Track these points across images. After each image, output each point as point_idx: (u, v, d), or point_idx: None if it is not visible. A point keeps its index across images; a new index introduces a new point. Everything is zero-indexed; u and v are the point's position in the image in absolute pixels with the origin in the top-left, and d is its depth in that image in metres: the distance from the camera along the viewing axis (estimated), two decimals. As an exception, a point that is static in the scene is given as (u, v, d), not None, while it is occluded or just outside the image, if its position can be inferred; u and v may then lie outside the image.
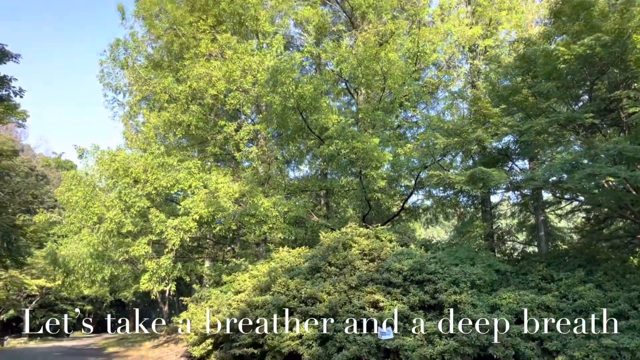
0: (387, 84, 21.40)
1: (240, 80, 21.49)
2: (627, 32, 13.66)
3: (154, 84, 22.39)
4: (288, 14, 23.02)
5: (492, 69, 20.22)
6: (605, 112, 17.10)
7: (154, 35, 23.77)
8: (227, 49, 22.00)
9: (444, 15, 23.26)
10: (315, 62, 25.72)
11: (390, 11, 23.38)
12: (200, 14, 23.01)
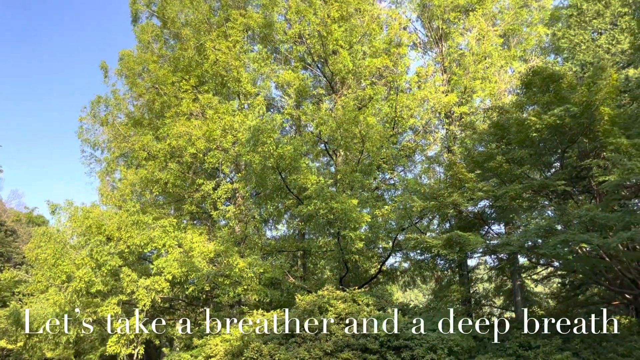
0: (365, 146, 21.73)
1: (221, 139, 21.63)
2: (595, 104, 14.27)
3: (132, 141, 22.38)
4: (270, 77, 23.56)
5: (468, 135, 20.78)
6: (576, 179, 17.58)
7: (136, 93, 24.01)
8: (208, 108, 22.27)
9: (421, 82, 24.04)
10: (296, 124, 26.14)
11: (369, 77, 24.10)
12: (183, 74, 23.41)
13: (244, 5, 24.88)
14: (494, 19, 25.26)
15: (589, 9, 21.08)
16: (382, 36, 25.01)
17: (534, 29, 24.90)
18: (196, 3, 22.99)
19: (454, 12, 24.46)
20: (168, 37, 25.88)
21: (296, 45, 23.74)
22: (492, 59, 23.42)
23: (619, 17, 20.36)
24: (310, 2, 23.27)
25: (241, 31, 23.31)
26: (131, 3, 25.92)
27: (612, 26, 20.64)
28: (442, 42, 25.71)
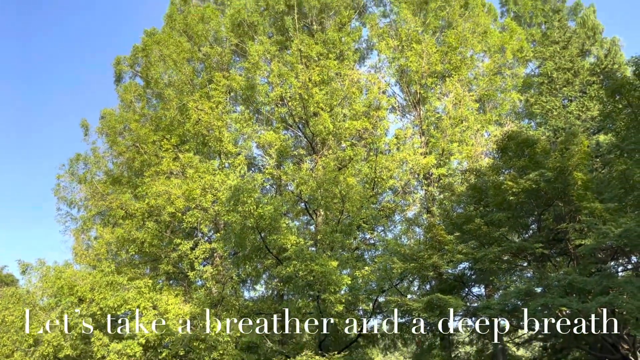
0: (345, 206, 21.79)
1: (200, 198, 21.52)
2: (568, 169, 14.67)
3: (110, 199, 22.12)
4: (251, 137, 23.83)
5: (446, 196, 21.05)
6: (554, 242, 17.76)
7: (116, 151, 23.98)
8: (188, 167, 22.28)
9: (400, 144, 24.52)
10: (276, 183, 26.21)
11: (349, 139, 24.51)
12: (164, 133, 23.54)
13: (227, 68, 25.47)
14: (469, 85, 26.20)
15: (559, 77, 22.05)
16: (362, 99, 25.65)
17: (508, 95, 25.86)
18: (180, 65, 23.46)
19: (431, 77, 25.33)
20: (151, 96, 26.22)
21: (278, 106, 24.18)
22: (469, 123, 24.09)
23: (587, 86, 21.30)
24: (292, 66, 23.94)
25: (224, 92, 23.74)
26: (115, 63, 26.36)
27: (581, 94, 21.56)
28: (420, 106, 26.45)
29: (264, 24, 25.89)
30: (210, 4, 27.55)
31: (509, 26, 28.04)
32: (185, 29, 25.56)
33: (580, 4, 31.08)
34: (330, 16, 27.40)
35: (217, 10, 26.75)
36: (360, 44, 29.07)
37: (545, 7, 31.75)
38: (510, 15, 32.22)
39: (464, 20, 26.08)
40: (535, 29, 31.07)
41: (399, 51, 25.98)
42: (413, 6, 26.48)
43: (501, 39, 26.57)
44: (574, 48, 23.01)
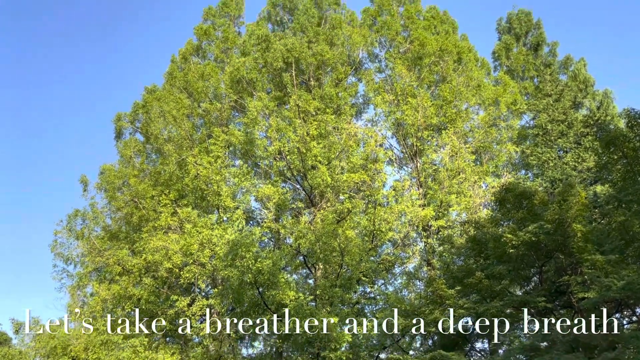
0: (344, 260, 21.60)
1: (198, 253, 21.34)
2: (567, 221, 14.62)
3: (107, 255, 21.94)
4: (250, 190, 23.89)
5: (446, 249, 20.90)
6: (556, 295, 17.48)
7: (115, 206, 23.99)
8: (186, 222, 22.21)
9: (398, 196, 24.56)
10: (275, 237, 26.07)
11: (348, 191, 24.58)
12: (163, 188, 23.61)
13: (227, 123, 25.86)
14: (465, 137, 26.54)
15: (553, 129, 22.37)
16: (360, 152, 25.91)
17: (504, 146, 26.15)
18: (179, 121, 23.83)
19: (427, 130, 25.69)
20: (150, 151, 26.48)
21: (276, 160, 24.39)
22: (466, 175, 24.24)
23: (582, 137, 21.57)
24: (290, 120, 24.31)
25: (223, 147, 23.99)
26: (115, 120, 26.79)
27: (576, 145, 21.81)
28: (416, 158, 26.69)
29: (263, 81, 26.48)
30: (210, 61, 28.27)
31: (502, 80, 28.70)
32: (185, 86, 26.12)
33: (570, 58, 31.95)
34: (327, 72, 28.07)
35: (217, 67, 27.43)
36: (356, 99, 29.66)
37: (536, 62, 32.61)
38: (503, 69, 33.04)
39: (457, 75, 26.71)
40: (528, 82, 31.80)
41: (394, 105, 26.46)
42: (407, 62, 27.17)
43: (495, 92, 27.13)
44: (566, 101, 23.46)
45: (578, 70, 29.56)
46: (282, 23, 30.19)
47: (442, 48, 26.92)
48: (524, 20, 34.51)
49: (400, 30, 28.34)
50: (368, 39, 28.23)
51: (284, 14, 30.12)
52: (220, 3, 30.45)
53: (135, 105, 26.89)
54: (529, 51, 33.71)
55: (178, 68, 28.09)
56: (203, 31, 29.10)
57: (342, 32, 27.48)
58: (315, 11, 28.65)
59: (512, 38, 34.14)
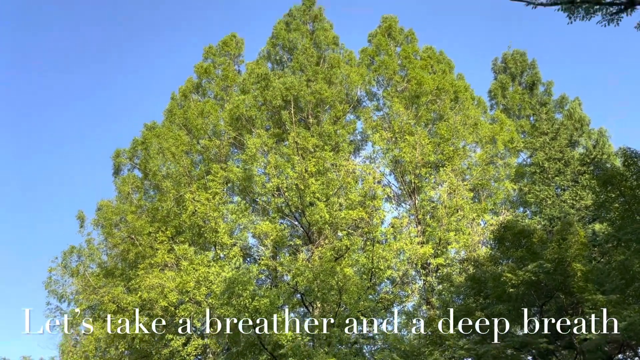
0: (342, 298, 21.31)
1: (194, 291, 21.09)
2: (567, 260, 14.52)
3: (102, 293, 21.65)
4: (247, 227, 23.79)
5: (445, 287, 20.68)
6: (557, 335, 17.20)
7: (111, 243, 23.82)
8: (183, 259, 22.03)
9: (396, 233, 24.45)
10: (272, 275, 25.81)
11: (346, 228, 24.48)
12: (160, 224, 23.51)
13: (225, 160, 25.95)
14: (463, 174, 26.63)
15: (550, 167, 22.47)
16: (358, 189, 25.92)
17: (502, 184, 26.23)
18: (178, 157, 23.92)
19: (424, 167, 25.81)
20: (148, 188, 26.49)
21: (274, 197, 24.36)
22: (464, 212, 24.21)
23: (579, 175, 21.66)
24: (288, 157, 24.42)
25: (221, 183, 24.02)
26: (114, 156, 26.88)
27: (573, 183, 21.87)
28: (415, 195, 26.71)
29: (262, 118, 26.73)
30: (209, 99, 28.61)
31: (498, 118, 29.01)
32: (184, 123, 26.34)
33: (565, 97, 32.41)
34: (326, 110, 28.36)
35: (217, 105, 27.73)
36: (355, 136, 29.87)
37: (532, 101, 33.05)
38: (500, 108, 33.43)
39: (454, 113, 27.02)
40: (524, 121, 32.15)
41: (392, 142, 26.64)
42: (405, 100, 27.51)
43: (492, 130, 27.39)
44: (562, 139, 23.66)
45: (573, 109, 29.93)
46: (281, 62, 30.69)
47: (439, 87, 27.33)
48: (519, 60, 35.16)
49: (397, 69, 28.81)
50: (366, 78, 28.66)
51: (283, 53, 30.66)
52: (221, 42, 31.03)
53: (134, 142, 27.05)
54: (525, 90, 34.21)
55: (178, 105, 28.40)
56: (203, 69, 29.54)
57: (340, 71, 27.92)
58: (314, 51, 29.18)
59: (507, 77, 34.70)
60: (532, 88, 34.23)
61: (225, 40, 31.14)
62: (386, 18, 30.95)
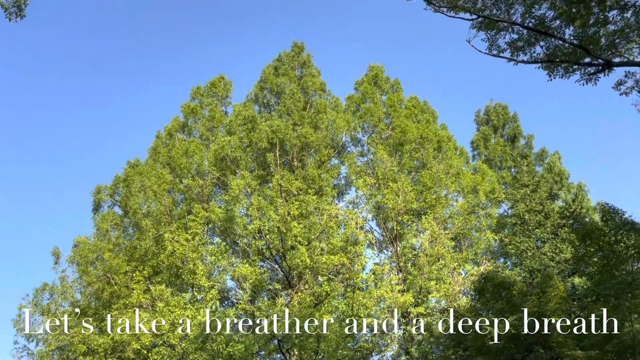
0: (321, 346, 20.87)
1: (168, 334, 20.49)
2: (546, 314, 14.47)
3: (73, 333, 20.93)
4: (226, 270, 23.40)
5: (425, 337, 20.39)
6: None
7: (86, 281, 23.21)
8: (159, 300, 21.49)
9: (377, 280, 24.23)
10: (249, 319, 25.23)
11: (327, 273, 24.19)
12: (137, 263, 23.05)
13: (207, 200, 25.76)
14: (445, 223, 26.74)
15: (530, 219, 22.70)
16: (340, 234, 25.79)
17: (483, 234, 26.35)
18: (160, 196, 23.71)
19: (407, 214, 25.86)
20: (128, 225, 26.08)
21: (255, 239, 24.10)
22: (445, 261, 24.16)
23: (558, 228, 21.87)
24: (271, 199, 24.33)
25: (202, 224, 23.74)
26: (95, 193, 26.55)
27: (553, 236, 22.06)
28: (397, 242, 26.66)
29: (246, 159, 26.76)
30: (195, 138, 28.65)
31: (480, 169, 29.44)
32: (168, 161, 26.24)
33: (546, 151, 33.13)
34: (311, 154, 28.55)
35: (202, 145, 27.75)
36: (338, 180, 29.99)
37: (513, 153, 33.70)
38: (482, 159, 33.98)
39: (437, 162, 27.36)
40: (506, 172, 32.66)
41: (376, 188, 26.77)
42: (389, 147, 27.85)
43: (474, 180, 27.73)
44: (543, 192, 24.01)
45: (553, 163, 30.54)
46: (268, 105, 31.03)
47: (423, 136, 27.77)
48: (501, 113, 36.03)
49: (382, 117, 29.29)
50: (351, 124, 29.03)
51: (271, 96, 31.03)
52: (209, 83, 31.36)
53: (116, 179, 26.80)
54: (506, 142, 34.91)
55: (163, 144, 28.36)
56: (190, 109, 29.71)
57: (326, 116, 28.28)
58: (301, 96, 29.60)
59: (490, 129, 35.44)
60: (513, 140, 34.95)
61: (214, 81, 31.49)
62: (373, 67, 31.67)
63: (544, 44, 12.95)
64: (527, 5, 12.20)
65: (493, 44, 13.36)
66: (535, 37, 12.72)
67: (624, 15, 12.29)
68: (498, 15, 12.71)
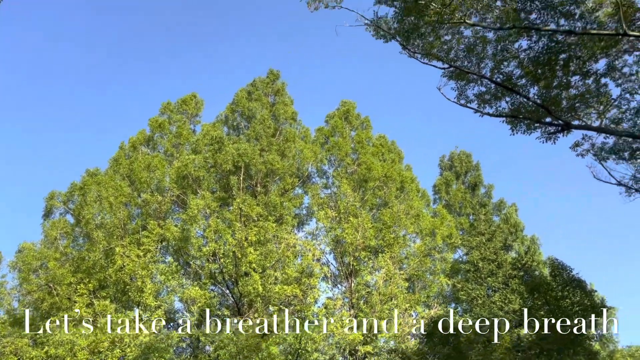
0: (264, 378, 20.40)
1: (107, 352, 19.66)
2: (491, 363, 14.58)
3: (4, 343, 19.83)
4: (175, 290, 22.79)
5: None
6: None
7: (26, 289, 22.18)
8: (102, 316, 20.70)
9: (328, 314, 24.00)
10: (194, 344, 24.54)
11: (278, 303, 23.86)
12: (84, 275, 22.25)
13: (165, 217, 25.25)
14: (401, 263, 26.86)
15: (484, 267, 23.05)
16: (296, 264, 25.59)
17: (437, 277, 26.57)
18: (116, 208, 23.10)
19: (364, 251, 25.89)
20: (78, 235, 25.25)
21: (209, 262, 23.67)
22: (398, 301, 24.16)
23: (509, 279, 22.26)
24: (230, 223, 24.02)
25: (156, 241, 23.20)
26: (47, 198, 25.68)
27: (504, 286, 22.40)
28: (352, 278, 26.59)
29: (209, 180, 26.46)
30: (159, 154, 28.23)
31: (440, 213, 29.92)
32: (129, 174, 25.70)
33: (504, 202, 34.02)
34: (275, 181, 28.47)
35: (165, 160, 27.32)
36: (300, 210, 29.92)
37: (473, 200, 34.46)
38: (442, 203, 34.58)
39: (399, 202, 27.66)
40: (464, 219, 33.28)
41: (336, 222, 26.78)
42: (353, 182, 28.05)
43: (433, 223, 28.11)
44: (497, 241, 24.49)
45: (510, 214, 31.33)
46: (238, 128, 30.95)
47: (387, 175, 28.12)
48: (465, 160, 36.94)
49: (350, 152, 29.57)
50: (319, 156, 29.19)
51: (241, 120, 30.99)
52: (180, 100, 31.13)
53: (73, 186, 25.99)
54: (467, 189, 35.70)
55: (125, 155, 27.80)
56: (158, 124, 29.34)
57: (294, 145, 28.38)
58: (272, 122, 29.68)
59: (452, 175, 36.23)
60: (474, 188, 35.78)
61: (185, 98, 31.29)
62: (345, 102, 32.11)
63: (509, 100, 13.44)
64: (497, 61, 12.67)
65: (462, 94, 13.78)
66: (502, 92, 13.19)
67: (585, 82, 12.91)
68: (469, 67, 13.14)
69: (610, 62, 12.67)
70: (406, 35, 12.28)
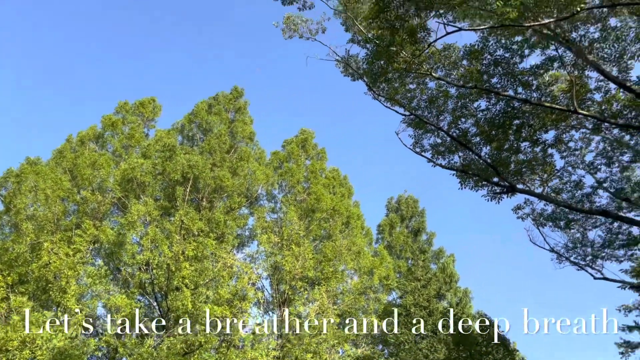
0: (179, 399, 19.66)
1: (15, 352, 18.47)
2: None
3: None
4: (100, 296, 21.81)
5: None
6: None
7: None
8: (16, 313, 19.50)
9: (255, 342, 23.55)
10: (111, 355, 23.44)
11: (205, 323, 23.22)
12: (3, 267, 20.99)
13: (102, 218, 24.33)
14: (335, 298, 26.85)
15: (415, 313, 23.35)
16: (230, 285, 25.09)
17: (369, 316, 26.65)
18: (51, 201, 22.09)
19: (301, 281, 25.75)
20: (6, 224, 23.90)
21: (141, 271, 22.86)
22: (327, 336, 24.01)
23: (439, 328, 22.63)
24: (169, 234, 23.40)
25: (88, 241, 22.28)
26: (-21, 181, 24.30)
27: (432, 334, 22.74)
28: (285, 307, 26.31)
29: (155, 187, 25.81)
30: (107, 152, 27.36)
31: (381, 253, 30.25)
32: (71, 168, 24.74)
33: (443, 251, 34.82)
34: (222, 198, 28.09)
35: (113, 160, 26.51)
36: (243, 231, 29.57)
37: (414, 246, 35.10)
38: (384, 244, 35.04)
39: (343, 237, 27.82)
40: (403, 262, 33.79)
41: (278, 248, 26.59)
42: (301, 211, 28.04)
43: (372, 262, 28.35)
44: (432, 289, 24.96)
45: (447, 264, 32.05)
46: (193, 139, 30.50)
47: (335, 208, 28.29)
48: (412, 205, 37.72)
49: (302, 180, 29.64)
50: (270, 179, 29.09)
51: (197, 131, 30.59)
52: (138, 102, 30.48)
53: (8, 172, 24.70)
54: (410, 234, 36.37)
55: (71, 149, 26.79)
56: (111, 122, 28.54)
57: (247, 165, 28.20)
58: (228, 139, 29.44)
59: (397, 217, 36.87)
60: (416, 234, 36.49)
61: (144, 101, 30.66)
62: (304, 131, 32.33)
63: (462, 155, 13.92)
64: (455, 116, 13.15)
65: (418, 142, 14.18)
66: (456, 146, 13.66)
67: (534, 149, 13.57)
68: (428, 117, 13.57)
69: (559, 135, 13.40)
70: (373, 77, 12.59)
